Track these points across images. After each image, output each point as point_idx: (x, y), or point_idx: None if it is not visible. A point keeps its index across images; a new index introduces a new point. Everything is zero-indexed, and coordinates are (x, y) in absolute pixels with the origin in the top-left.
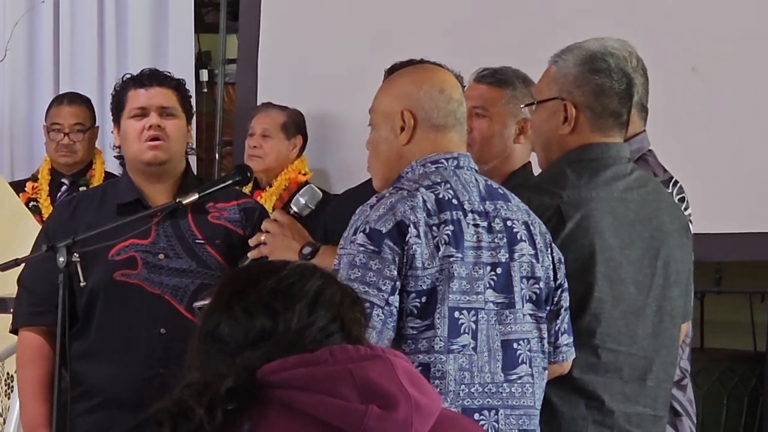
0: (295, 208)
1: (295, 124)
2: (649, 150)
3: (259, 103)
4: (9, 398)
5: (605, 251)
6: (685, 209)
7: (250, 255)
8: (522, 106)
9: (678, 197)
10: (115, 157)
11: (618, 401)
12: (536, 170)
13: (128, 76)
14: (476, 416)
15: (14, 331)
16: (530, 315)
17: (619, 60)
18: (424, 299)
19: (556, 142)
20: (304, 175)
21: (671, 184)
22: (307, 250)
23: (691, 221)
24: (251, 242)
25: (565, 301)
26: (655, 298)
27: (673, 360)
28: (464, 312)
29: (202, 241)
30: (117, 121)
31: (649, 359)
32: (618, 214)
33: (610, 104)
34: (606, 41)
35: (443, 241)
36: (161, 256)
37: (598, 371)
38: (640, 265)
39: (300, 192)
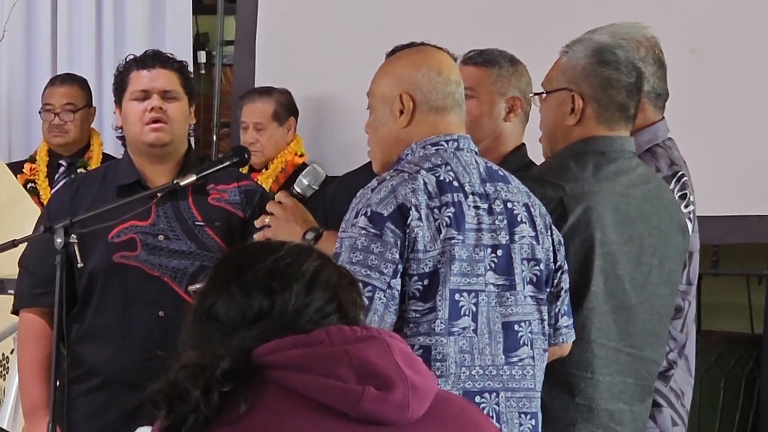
0: (298, 189)
1: (284, 108)
2: (667, 140)
3: (256, 85)
4: (4, 380)
5: (604, 246)
6: (686, 206)
7: (256, 237)
8: (531, 95)
9: (680, 194)
10: (117, 137)
11: (605, 399)
12: (536, 157)
13: (131, 56)
14: (477, 399)
15: (15, 311)
16: (531, 297)
17: (629, 52)
18: (426, 282)
19: (561, 133)
20: (301, 156)
21: (675, 180)
22: (310, 235)
23: (690, 219)
24: (257, 223)
25: (565, 283)
26: (647, 296)
27: (656, 358)
28: (465, 294)
29: (202, 223)
30: (119, 101)
31: (634, 356)
32: (620, 210)
33: (617, 97)
34: (619, 28)
35: (444, 224)
36: (161, 237)
37: (592, 368)
38: (637, 262)
39: (303, 173)
